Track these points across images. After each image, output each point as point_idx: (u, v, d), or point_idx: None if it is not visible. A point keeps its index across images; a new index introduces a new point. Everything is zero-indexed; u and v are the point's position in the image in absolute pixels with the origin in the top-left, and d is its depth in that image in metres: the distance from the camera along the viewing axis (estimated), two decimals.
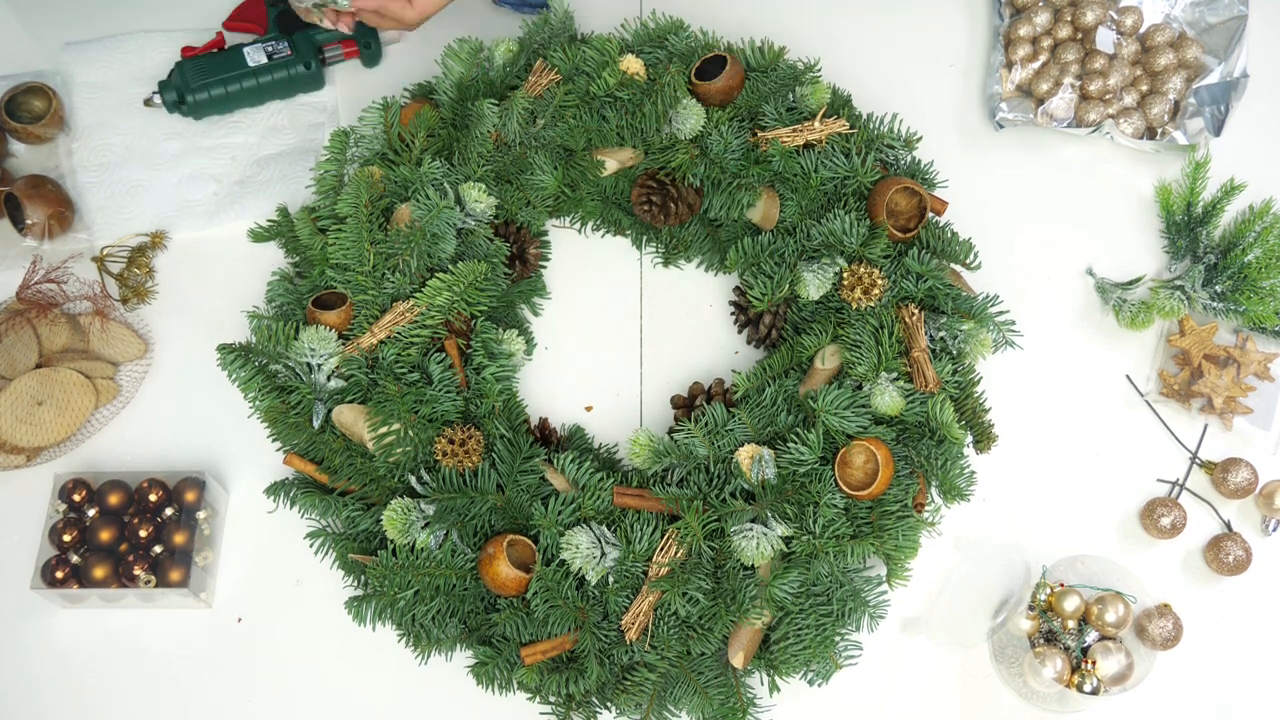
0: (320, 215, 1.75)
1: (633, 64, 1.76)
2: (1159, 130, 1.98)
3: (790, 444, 1.56)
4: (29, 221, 1.86)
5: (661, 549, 1.54)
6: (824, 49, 1.90)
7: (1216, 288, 1.83)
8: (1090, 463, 1.79)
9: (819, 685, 1.58)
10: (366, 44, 2.02)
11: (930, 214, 1.72)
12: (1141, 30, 2.05)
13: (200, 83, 1.95)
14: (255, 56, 1.98)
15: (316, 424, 1.62)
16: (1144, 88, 2.01)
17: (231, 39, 2.03)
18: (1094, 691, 1.60)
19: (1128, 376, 1.85)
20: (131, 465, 1.78)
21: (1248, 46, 1.98)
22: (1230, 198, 1.90)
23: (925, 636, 1.69)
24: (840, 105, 1.80)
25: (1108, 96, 1.97)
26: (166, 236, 1.92)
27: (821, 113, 1.77)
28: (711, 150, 1.76)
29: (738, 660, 1.54)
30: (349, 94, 2.05)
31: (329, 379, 1.63)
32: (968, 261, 1.71)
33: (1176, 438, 1.81)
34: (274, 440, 1.65)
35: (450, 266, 1.66)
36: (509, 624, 1.55)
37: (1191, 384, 1.81)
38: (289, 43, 1.99)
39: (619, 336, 1.85)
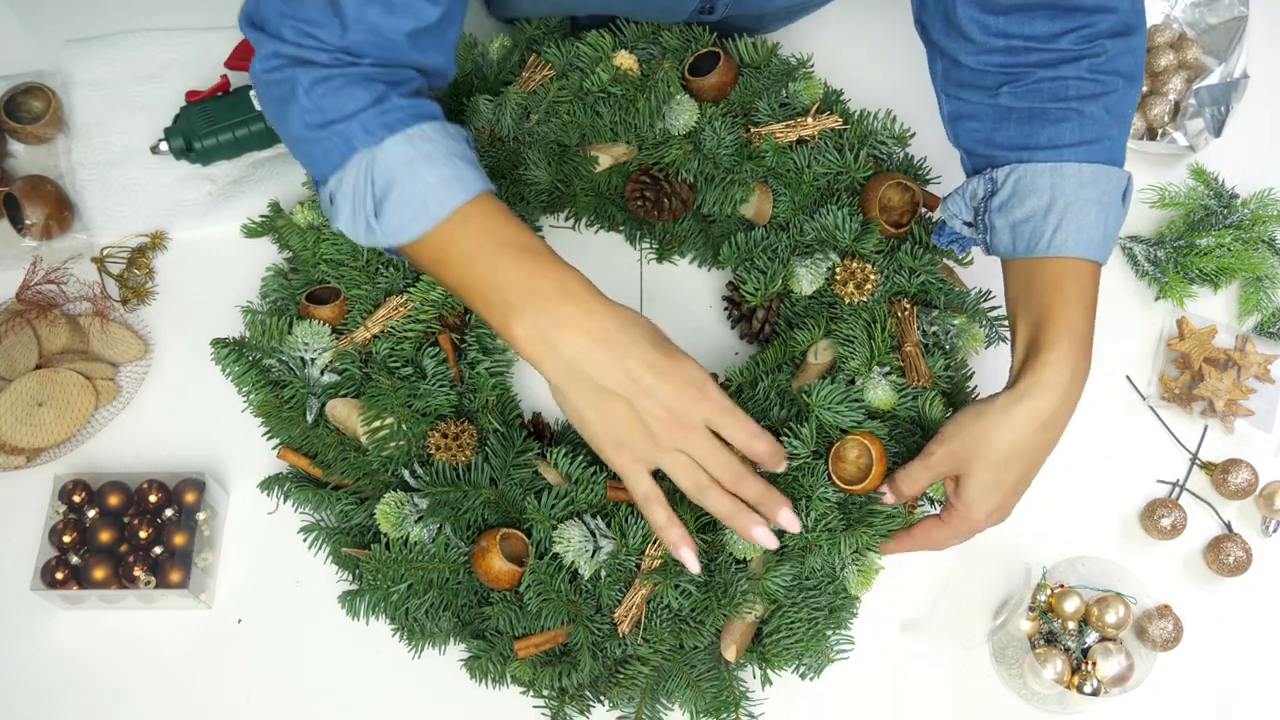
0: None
1: (626, 60, 1.76)
2: (1159, 131, 1.98)
3: (783, 438, 1.56)
4: (28, 222, 1.86)
5: (654, 542, 1.54)
6: (817, 45, 1.90)
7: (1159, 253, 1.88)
8: (1090, 464, 1.79)
9: (811, 679, 1.58)
10: None
11: (923, 209, 1.72)
12: None
13: (207, 129, 1.93)
14: None
15: (310, 418, 1.62)
16: (1144, 88, 2.01)
17: (236, 79, 2.03)
18: (1094, 693, 1.60)
19: (1128, 377, 1.85)
20: (131, 466, 1.78)
21: (1248, 47, 1.98)
22: (1227, 201, 1.91)
23: (925, 637, 1.69)
24: (833, 101, 1.81)
25: None
26: (166, 237, 1.93)
27: (815, 108, 1.77)
28: (705, 146, 1.76)
29: (730, 653, 1.54)
30: None
31: (323, 373, 1.64)
32: (960, 257, 1.71)
33: (1177, 439, 1.81)
34: (268, 436, 1.65)
35: None
36: (502, 617, 1.55)
37: (1192, 387, 1.80)
38: None
39: None
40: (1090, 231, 1.46)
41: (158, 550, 1.66)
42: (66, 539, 1.67)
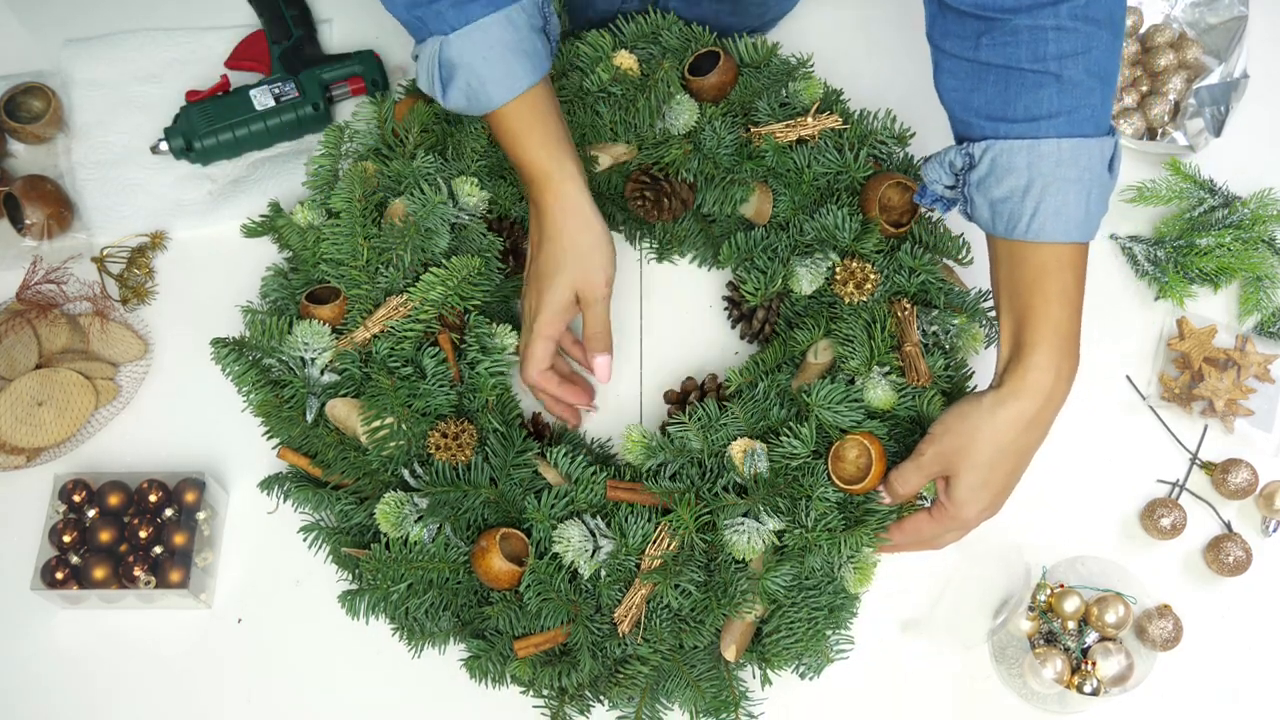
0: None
1: (626, 59, 1.76)
2: (1159, 130, 1.98)
3: (783, 438, 1.56)
4: (28, 221, 1.87)
5: (654, 542, 1.54)
6: (817, 45, 1.90)
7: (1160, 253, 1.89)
8: (1090, 463, 1.79)
9: (811, 679, 1.58)
10: (374, 81, 2.03)
11: (923, 209, 1.72)
12: (1141, 30, 2.05)
13: (208, 129, 1.94)
14: (262, 99, 1.97)
15: (310, 418, 1.62)
16: (1144, 88, 2.01)
17: (236, 79, 2.03)
18: (1094, 692, 1.59)
19: (1128, 377, 1.84)
20: (131, 466, 1.78)
21: (1248, 47, 1.98)
22: (1221, 199, 1.92)
23: (925, 637, 1.69)
24: (833, 101, 1.81)
25: None
26: (166, 237, 1.93)
27: (814, 108, 1.77)
28: (705, 146, 1.77)
29: (730, 653, 1.54)
30: None
31: (323, 373, 1.63)
32: (960, 257, 1.71)
33: (1177, 439, 1.80)
34: (268, 435, 1.65)
35: (444, 261, 1.67)
36: (502, 617, 1.55)
37: (1192, 387, 1.80)
38: (295, 83, 1.99)
39: (619, 338, 1.84)
40: (1070, 213, 1.44)
41: (158, 550, 1.67)
42: (66, 539, 1.67)
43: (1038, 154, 1.44)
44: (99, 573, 1.65)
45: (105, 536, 1.68)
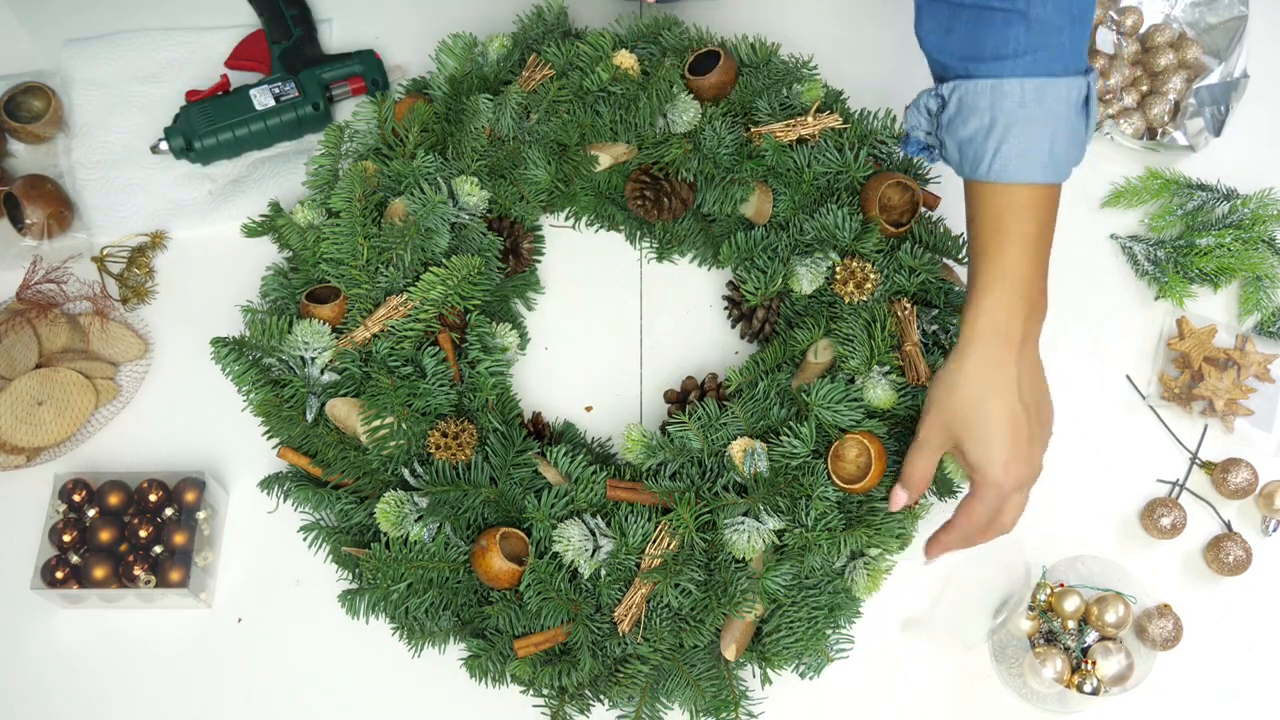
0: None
1: (626, 59, 1.76)
2: (1159, 130, 1.98)
3: (783, 437, 1.56)
4: (28, 221, 1.87)
5: (654, 542, 1.54)
6: (817, 46, 1.90)
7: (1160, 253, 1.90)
8: (1090, 463, 1.79)
9: (811, 678, 1.58)
10: (374, 80, 2.03)
11: (923, 209, 1.73)
12: (1141, 30, 2.05)
13: (207, 128, 1.94)
14: (262, 99, 1.97)
15: (310, 417, 1.62)
16: (1144, 88, 2.01)
17: (236, 78, 2.03)
18: (1094, 692, 1.59)
19: (1128, 377, 1.84)
20: (131, 465, 1.78)
21: (1248, 47, 1.98)
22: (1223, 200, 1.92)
23: (925, 637, 1.69)
24: (833, 101, 1.81)
25: (1108, 96, 1.97)
26: (166, 236, 1.93)
27: (815, 108, 1.77)
28: (705, 145, 1.77)
29: (730, 652, 1.54)
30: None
31: (322, 372, 1.63)
32: (960, 256, 1.71)
33: (1177, 438, 1.80)
34: (268, 435, 1.65)
35: (444, 260, 1.67)
36: (502, 617, 1.55)
37: (1192, 387, 1.80)
38: (295, 83, 1.99)
39: (619, 338, 1.85)
40: (1034, 154, 1.43)
41: (158, 549, 1.66)
42: (66, 538, 1.67)
43: (1000, 93, 1.43)
44: (99, 572, 1.64)
45: (105, 536, 1.67)
